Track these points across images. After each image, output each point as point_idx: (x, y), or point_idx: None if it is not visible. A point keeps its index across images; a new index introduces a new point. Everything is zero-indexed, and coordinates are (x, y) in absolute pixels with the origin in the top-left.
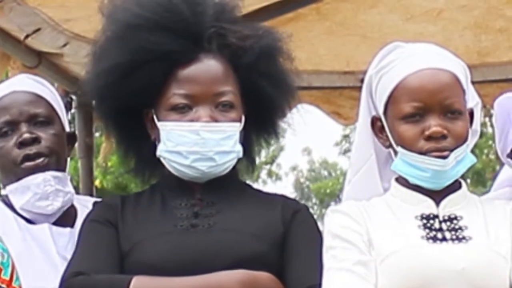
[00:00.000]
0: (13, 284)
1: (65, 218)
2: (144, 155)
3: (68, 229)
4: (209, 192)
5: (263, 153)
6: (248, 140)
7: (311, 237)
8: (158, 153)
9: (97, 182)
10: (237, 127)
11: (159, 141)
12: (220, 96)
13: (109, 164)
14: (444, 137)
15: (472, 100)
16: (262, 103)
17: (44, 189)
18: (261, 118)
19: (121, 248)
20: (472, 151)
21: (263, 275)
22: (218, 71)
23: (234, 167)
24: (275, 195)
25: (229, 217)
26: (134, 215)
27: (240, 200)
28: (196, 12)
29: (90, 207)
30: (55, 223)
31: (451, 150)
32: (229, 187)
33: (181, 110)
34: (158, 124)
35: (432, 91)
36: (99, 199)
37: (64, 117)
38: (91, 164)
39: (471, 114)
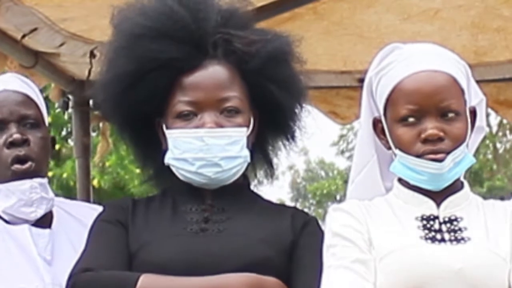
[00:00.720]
0: None
1: (42, 220)
2: (160, 164)
3: (47, 230)
4: (220, 199)
5: None
6: (265, 146)
7: (319, 249)
8: (166, 161)
9: (94, 182)
10: (243, 132)
11: (168, 149)
12: (224, 101)
13: (107, 164)
14: (440, 139)
15: (476, 97)
16: (273, 107)
17: (30, 196)
18: (275, 123)
19: (129, 249)
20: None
21: (270, 280)
22: (222, 77)
23: (246, 177)
24: (285, 206)
25: (239, 223)
26: (144, 218)
27: (251, 208)
28: (198, 18)
29: (66, 209)
30: (33, 225)
31: (448, 152)
32: (240, 195)
33: (186, 117)
34: (166, 132)
35: (427, 94)
36: (87, 203)
37: (47, 121)
38: (88, 164)
39: (474, 112)
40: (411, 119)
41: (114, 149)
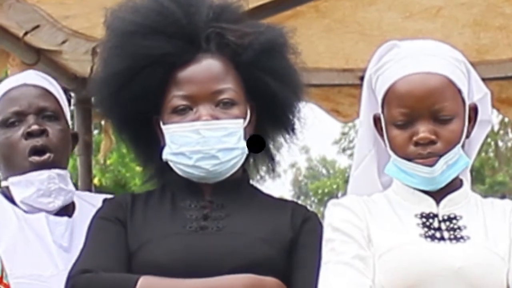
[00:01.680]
0: (4, 281)
1: (63, 211)
2: (161, 162)
3: (65, 218)
4: (219, 195)
5: None
6: (266, 139)
7: (319, 247)
8: (164, 156)
9: (96, 180)
10: (240, 123)
11: (165, 145)
12: (219, 94)
13: (108, 162)
14: (433, 142)
15: (479, 92)
16: (269, 99)
17: (48, 186)
18: (273, 115)
19: (129, 247)
20: None
21: (270, 281)
22: (216, 70)
23: (245, 171)
24: (285, 200)
25: (238, 221)
26: (143, 214)
27: (250, 204)
28: (189, 13)
29: (89, 200)
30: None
31: (441, 155)
32: (239, 190)
33: (182, 112)
34: (162, 128)
35: (420, 97)
36: (109, 196)
37: (69, 117)
38: (89, 162)
39: (475, 108)
40: (403, 122)
41: (116, 147)
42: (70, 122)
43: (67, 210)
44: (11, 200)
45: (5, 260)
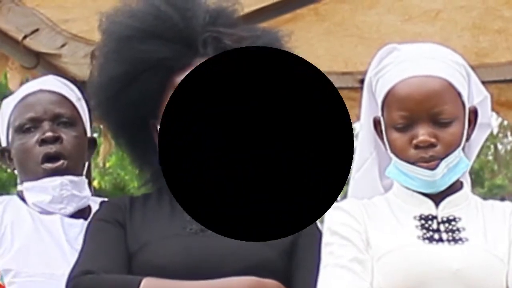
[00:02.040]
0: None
1: (79, 214)
2: (158, 166)
3: (81, 220)
4: None
5: None
6: None
7: (318, 249)
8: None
9: (95, 183)
10: None
11: None
12: None
13: (108, 164)
14: (432, 145)
15: (479, 95)
16: None
17: (60, 193)
18: None
19: (128, 249)
20: None
21: (271, 283)
22: None
23: None
24: None
25: None
26: (142, 216)
27: None
28: (186, 17)
29: None
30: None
31: (442, 158)
32: None
33: None
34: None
35: (419, 100)
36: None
37: (87, 122)
38: (89, 165)
39: (475, 111)
40: (403, 125)
41: (115, 150)
42: (89, 128)
43: (82, 213)
44: (26, 202)
45: (19, 259)
